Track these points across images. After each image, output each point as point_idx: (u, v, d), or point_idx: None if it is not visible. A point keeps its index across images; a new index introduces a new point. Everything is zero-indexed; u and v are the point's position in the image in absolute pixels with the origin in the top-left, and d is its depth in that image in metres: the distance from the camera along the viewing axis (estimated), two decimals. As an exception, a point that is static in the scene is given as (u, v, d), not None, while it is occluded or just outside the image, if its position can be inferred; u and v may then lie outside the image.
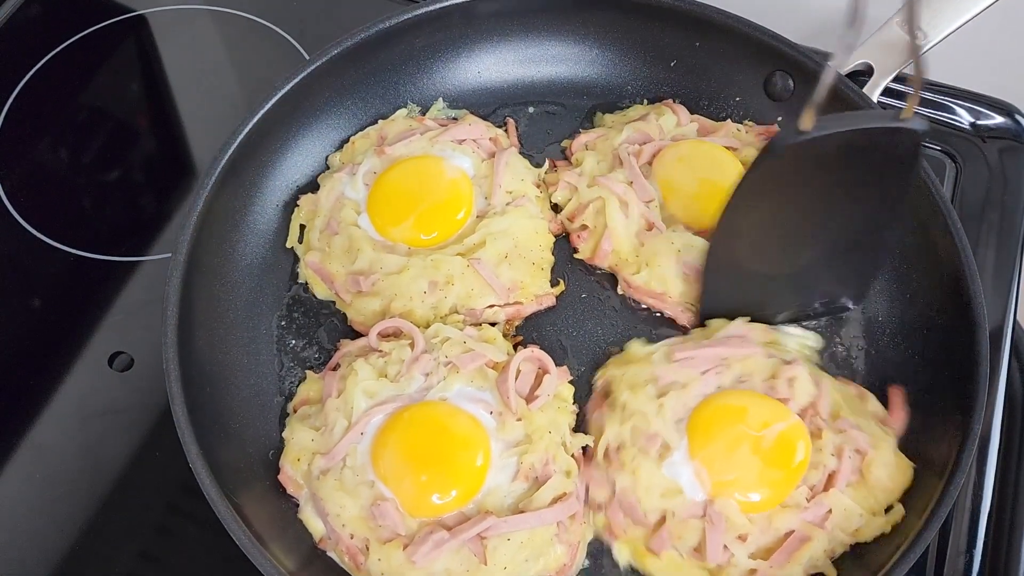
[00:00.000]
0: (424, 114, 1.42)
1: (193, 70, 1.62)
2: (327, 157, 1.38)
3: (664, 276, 1.24)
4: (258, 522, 1.05)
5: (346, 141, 1.38)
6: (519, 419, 1.11)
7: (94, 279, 1.37)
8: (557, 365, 1.18)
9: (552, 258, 1.31)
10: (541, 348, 1.20)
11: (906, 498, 1.12)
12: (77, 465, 1.21)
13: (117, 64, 1.63)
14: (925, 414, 1.18)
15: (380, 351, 1.17)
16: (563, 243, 1.33)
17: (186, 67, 1.62)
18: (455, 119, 1.41)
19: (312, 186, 1.35)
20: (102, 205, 1.47)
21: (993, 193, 1.42)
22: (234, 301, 1.25)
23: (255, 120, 1.26)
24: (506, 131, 1.41)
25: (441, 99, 1.44)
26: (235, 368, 1.21)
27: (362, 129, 1.39)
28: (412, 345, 1.16)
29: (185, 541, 1.17)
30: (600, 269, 1.31)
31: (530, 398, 1.14)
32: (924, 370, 1.21)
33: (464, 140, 1.34)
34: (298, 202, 1.32)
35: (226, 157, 1.22)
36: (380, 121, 1.39)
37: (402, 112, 1.41)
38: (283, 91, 1.28)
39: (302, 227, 1.32)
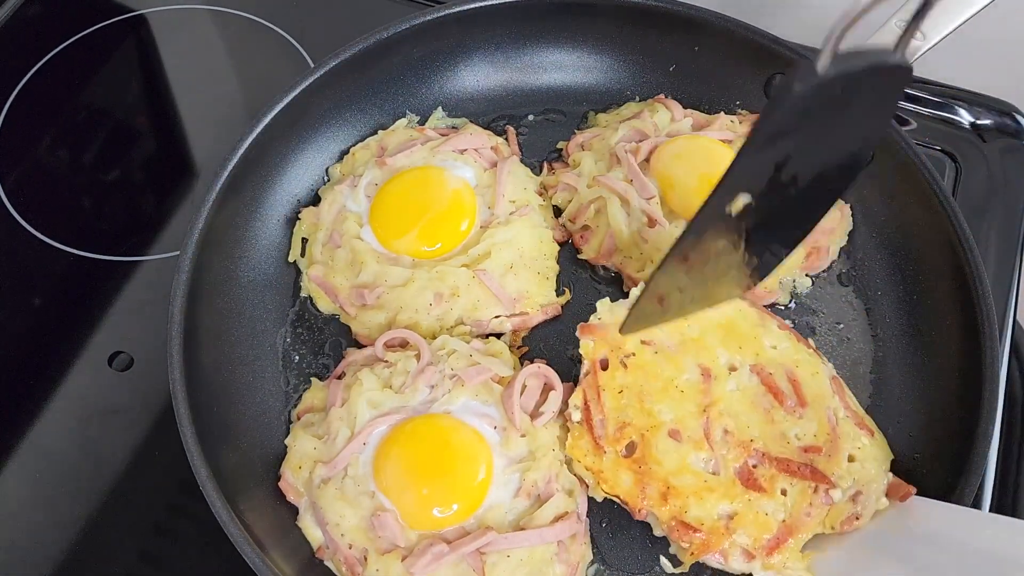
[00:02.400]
0: (423, 123, 1.42)
1: (193, 70, 1.61)
2: (327, 169, 1.38)
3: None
4: (259, 529, 1.05)
5: (346, 152, 1.38)
6: (523, 435, 1.11)
7: (94, 279, 1.37)
8: (564, 377, 1.17)
9: (557, 267, 1.31)
10: (548, 359, 1.20)
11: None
12: (77, 465, 1.21)
13: (117, 64, 1.62)
14: (931, 411, 1.19)
15: (386, 361, 1.17)
16: (567, 252, 1.33)
17: (186, 67, 1.62)
18: (455, 128, 1.41)
19: (313, 199, 1.35)
20: (102, 205, 1.47)
21: (993, 193, 1.43)
22: (238, 318, 1.24)
23: (254, 135, 1.25)
24: (506, 139, 1.41)
25: (440, 108, 1.44)
26: (241, 386, 1.20)
27: (362, 140, 1.38)
28: (418, 356, 1.16)
29: (185, 541, 1.17)
30: (605, 269, 1.32)
31: (535, 414, 1.13)
32: (930, 369, 1.22)
33: (465, 150, 1.33)
34: (299, 215, 1.32)
35: (226, 173, 1.22)
36: (380, 131, 1.39)
37: (402, 122, 1.40)
38: (281, 104, 1.28)
39: (304, 241, 1.31)
